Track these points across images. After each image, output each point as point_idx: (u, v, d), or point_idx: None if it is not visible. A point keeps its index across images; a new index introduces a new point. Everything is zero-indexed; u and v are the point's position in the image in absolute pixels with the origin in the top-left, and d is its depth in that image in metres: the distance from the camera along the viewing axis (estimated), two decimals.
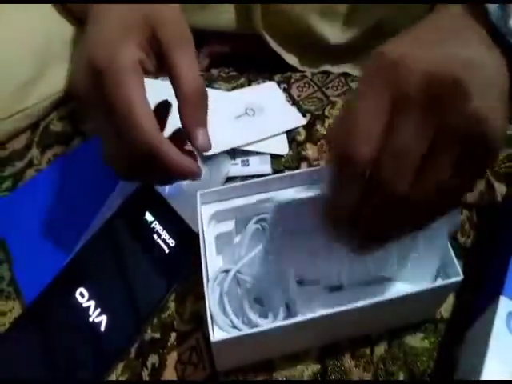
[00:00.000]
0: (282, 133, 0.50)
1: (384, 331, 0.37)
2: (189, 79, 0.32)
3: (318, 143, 0.50)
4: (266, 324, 0.32)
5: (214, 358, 0.34)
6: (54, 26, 0.51)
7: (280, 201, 0.31)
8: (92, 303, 0.36)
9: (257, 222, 0.38)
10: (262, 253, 0.34)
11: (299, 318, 0.31)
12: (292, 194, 0.39)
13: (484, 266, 0.38)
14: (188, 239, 0.40)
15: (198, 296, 0.39)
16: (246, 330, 0.31)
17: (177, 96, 0.33)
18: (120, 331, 0.36)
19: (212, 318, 0.32)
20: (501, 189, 0.43)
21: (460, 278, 0.33)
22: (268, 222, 0.35)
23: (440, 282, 0.35)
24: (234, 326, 0.33)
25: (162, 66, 0.33)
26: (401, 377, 0.35)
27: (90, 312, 0.36)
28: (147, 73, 0.33)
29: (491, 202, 0.43)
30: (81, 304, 0.36)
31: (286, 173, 0.39)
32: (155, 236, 0.40)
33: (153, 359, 0.36)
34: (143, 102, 0.31)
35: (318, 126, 0.51)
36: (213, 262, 0.36)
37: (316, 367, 0.36)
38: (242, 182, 0.40)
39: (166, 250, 0.39)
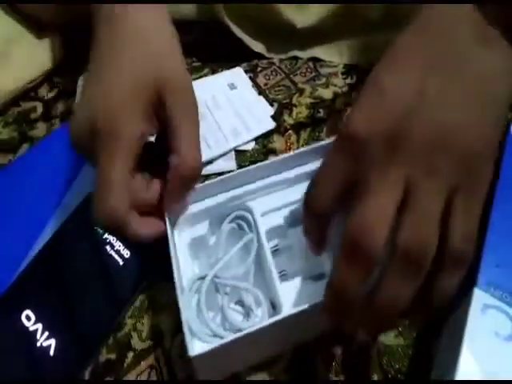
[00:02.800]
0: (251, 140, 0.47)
1: None
2: (188, 158, 0.31)
3: (286, 134, 0.47)
4: (250, 326, 0.29)
5: (194, 375, 0.31)
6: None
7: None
8: (39, 326, 0.34)
9: (231, 221, 0.36)
10: (241, 253, 0.33)
11: (289, 312, 0.29)
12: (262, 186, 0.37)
13: None
14: (145, 248, 0.37)
15: (157, 310, 0.36)
16: (230, 336, 0.28)
17: (170, 164, 0.32)
18: (71, 355, 0.33)
19: (190, 330, 0.29)
20: None
21: None
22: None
23: None
24: (215, 335, 0.30)
25: (163, 128, 0.32)
26: (375, 378, 0.33)
27: (38, 336, 0.33)
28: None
29: None
30: (27, 328, 0.34)
31: (256, 165, 0.37)
32: (108, 247, 0.37)
33: None
34: (122, 180, 0.30)
35: (286, 116, 0.48)
36: (188, 269, 0.34)
37: (285, 376, 0.33)
38: (207, 182, 0.36)
39: (121, 262, 0.36)
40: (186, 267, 0.33)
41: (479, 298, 0.29)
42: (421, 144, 0.24)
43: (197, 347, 0.29)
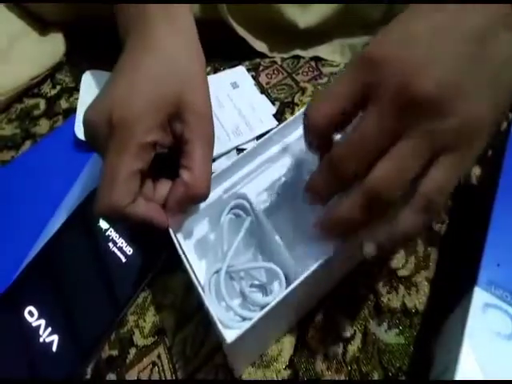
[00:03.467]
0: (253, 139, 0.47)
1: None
2: (201, 180, 0.32)
3: None
4: (271, 300, 0.30)
5: (229, 366, 0.33)
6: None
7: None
8: (42, 322, 0.34)
9: (229, 212, 0.36)
10: (245, 238, 0.34)
11: (302, 276, 0.30)
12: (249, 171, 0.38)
13: (459, 254, 0.36)
14: (147, 245, 0.37)
15: (159, 307, 0.36)
16: (257, 315, 0.29)
17: (180, 179, 0.32)
18: (74, 351, 0.33)
19: (220, 321, 0.30)
20: (475, 171, 0.41)
21: None
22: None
23: None
24: (244, 319, 0.31)
25: (175, 145, 0.33)
26: (375, 376, 0.33)
27: (41, 332, 0.33)
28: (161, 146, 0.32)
29: (466, 186, 0.41)
30: (30, 323, 0.34)
31: (240, 155, 0.37)
32: (110, 244, 0.37)
33: (110, 378, 0.33)
34: (128, 177, 0.30)
35: (288, 115, 0.48)
36: (200, 269, 0.34)
37: (286, 373, 0.34)
38: None
39: (123, 259, 0.37)
40: (197, 268, 0.33)
41: (480, 296, 0.30)
42: (428, 98, 0.24)
43: (229, 335, 0.29)
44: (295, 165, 0.38)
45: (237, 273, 0.33)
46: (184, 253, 0.32)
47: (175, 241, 0.33)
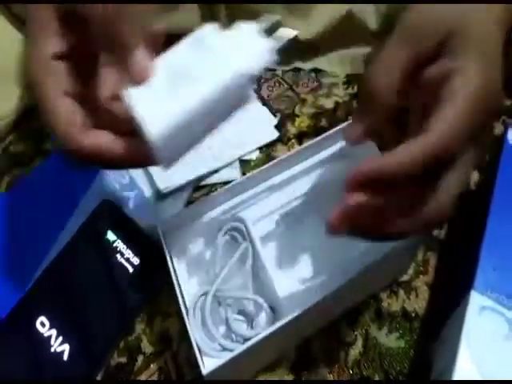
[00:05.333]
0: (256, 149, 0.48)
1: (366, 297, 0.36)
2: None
3: (289, 143, 0.48)
4: (255, 335, 0.30)
5: None
6: (5, 43, 0.49)
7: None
8: (54, 332, 0.35)
9: (225, 234, 0.36)
10: (238, 263, 0.34)
11: (289, 315, 0.30)
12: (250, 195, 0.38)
13: (458, 259, 0.37)
14: (154, 255, 0.38)
15: (165, 315, 0.38)
16: (238, 349, 0.29)
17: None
18: (84, 360, 0.35)
19: (199, 348, 0.30)
20: (473, 177, 0.42)
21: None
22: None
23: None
24: (225, 349, 0.31)
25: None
26: (376, 378, 0.34)
27: (52, 341, 0.35)
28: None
29: (465, 192, 0.41)
30: (42, 334, 0.35)
31: (243, 177, 0.38)
32: (118, 256, 0.38)
33: None
34: (60, 97, 0.26)
35: (289, 126, 0.49)
36: (188, 286, 0.34)
37: (289, 377, 0.35)
38: (197, 202, 0.38)
39: (131, 270, 0.38)
40: (186, 286, 0.34)
41: (476, 300, 0.30)
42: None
43: (208, 364, 0.29)
44: (298, 197, 0.38)
45: (224, 299, 0.33)
46: (174, 269, 0.33)
47: (167, 257, 0.33)
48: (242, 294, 0.34)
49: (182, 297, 0.32)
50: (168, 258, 0.33)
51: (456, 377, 0.28)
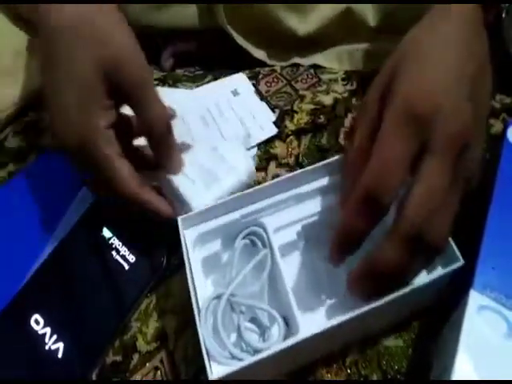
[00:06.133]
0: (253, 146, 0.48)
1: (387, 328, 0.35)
2: (159, 117, 0.34)
3: (287, 139, 0.47)
4: (266, 347, 0.29)
5: None
6: (3, 38, 0.49)
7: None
8: (48, 330, 0.35)
9: (244, 237, 0.36)
10: (255, 270, 0.33)
11: (305, 333, 0.29)
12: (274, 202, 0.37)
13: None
14: (150, 253, 0.38)
15: (161, 312, 0.37)
16: (248, 360, 0.28)
17: (145, 129, 0.35)
18: (79, 358, 0.34)
19: (208, 352, 0.29)
20: None
21: (460, 263, 0.32)
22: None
23: (440, 270, 0.32)
24: (234, 357, 0.30)
25: (123, 102, 0.35)
26: (374, 378, 0.33)
27: (46, 339, 0.34)
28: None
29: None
30: (36, 331, 0.35)
31: (267, 183, 0.36)
32: (114, 253, 0.38)
33: None
34: (120, 159, 0.34)
35: (287, 122, 0.49)
36: (202, 288, 0.33)
37: (287, 377, 0.34)
38: (220, 201, 0.36)
39: (126, 267, 0.38)
40: (200, 285, 0.33)
41: (475, 299, 0.30)
42: (472, 137, 0.28)
43: (215, 370, 0.29)
44: (324, 210, 0.37)
45: (238, 305, 0.33)
46: (190, 266, 0.32)
47: (184, 252, 0.33)
48: (256, 304, 0.33)
49: (196, 295, 0.32)
50: (185, 253, 0.33)
51: (455, 376, 0.28)
